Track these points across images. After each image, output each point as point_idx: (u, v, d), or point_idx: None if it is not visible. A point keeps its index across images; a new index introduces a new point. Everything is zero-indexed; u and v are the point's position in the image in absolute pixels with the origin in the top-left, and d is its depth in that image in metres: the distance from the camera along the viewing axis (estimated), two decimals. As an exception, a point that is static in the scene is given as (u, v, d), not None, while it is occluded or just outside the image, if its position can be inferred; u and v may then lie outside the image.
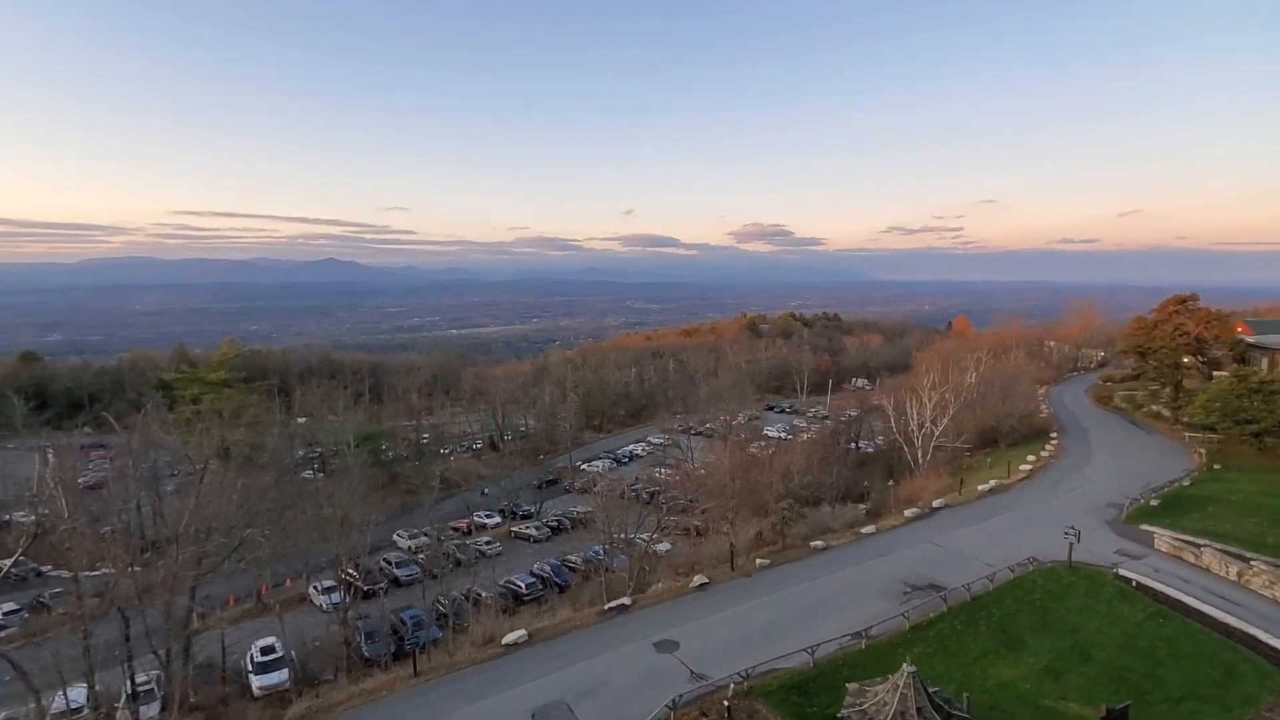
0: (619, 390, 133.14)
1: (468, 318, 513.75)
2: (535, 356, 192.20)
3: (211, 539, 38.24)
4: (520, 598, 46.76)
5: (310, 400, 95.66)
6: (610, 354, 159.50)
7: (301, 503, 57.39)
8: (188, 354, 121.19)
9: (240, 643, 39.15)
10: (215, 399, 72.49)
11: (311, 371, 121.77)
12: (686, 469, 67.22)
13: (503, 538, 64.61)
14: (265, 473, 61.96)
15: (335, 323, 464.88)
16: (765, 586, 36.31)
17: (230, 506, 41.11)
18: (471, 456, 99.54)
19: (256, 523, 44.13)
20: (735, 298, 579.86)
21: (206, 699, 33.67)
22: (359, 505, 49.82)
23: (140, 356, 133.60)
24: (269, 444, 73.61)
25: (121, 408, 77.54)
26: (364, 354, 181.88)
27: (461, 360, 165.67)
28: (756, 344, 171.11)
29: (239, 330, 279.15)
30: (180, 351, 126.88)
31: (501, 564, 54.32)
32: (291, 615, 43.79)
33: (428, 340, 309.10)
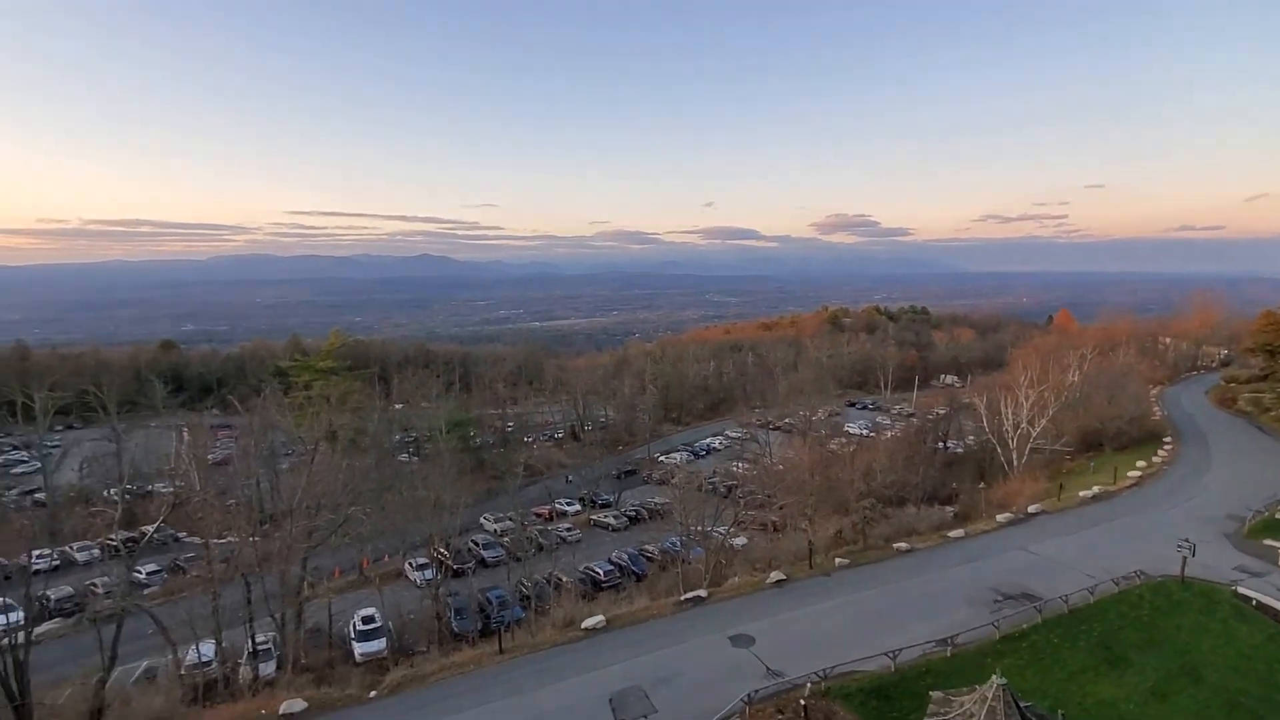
0: (697, 383, 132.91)
1: (550, 310, 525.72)
2: (615, 349, 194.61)
3: (321, 514, 41.15)
4: (599, 584, 47.68)
5: (406, 388, 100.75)
6: (689, 347, 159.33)
7: (398, 484, 60.63)
8: (300, 343, 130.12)
9: (344, 612, 41.91)
10: (324, 385, 77.47)
11: (408, 361, 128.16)
12: (764, 464, 66.36)
13: (582, 525, 65.97)
14: (367, 455, 65.85)
15: (429, 315, 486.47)
16: (845, 586, 35.47)
17: (337, 485, 44.06)
18: (553, 445, 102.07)
19: (359, 501, 46.95)
20: (816, 291, 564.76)
21: (315, 661, 36.23)
22: (450, 488, 52.08)
23: (260, 345, 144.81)
24: (370, 428, 78.08)
25: (244, 392, 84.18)
26: (455, 345, 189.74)
27: (544, 352, 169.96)
28: (838, 338, 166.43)
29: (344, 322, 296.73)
30: (294, 341, 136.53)
31: (581, 550, 55.53)
32: (389, 589, 46.36)
33: (513, 332, 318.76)
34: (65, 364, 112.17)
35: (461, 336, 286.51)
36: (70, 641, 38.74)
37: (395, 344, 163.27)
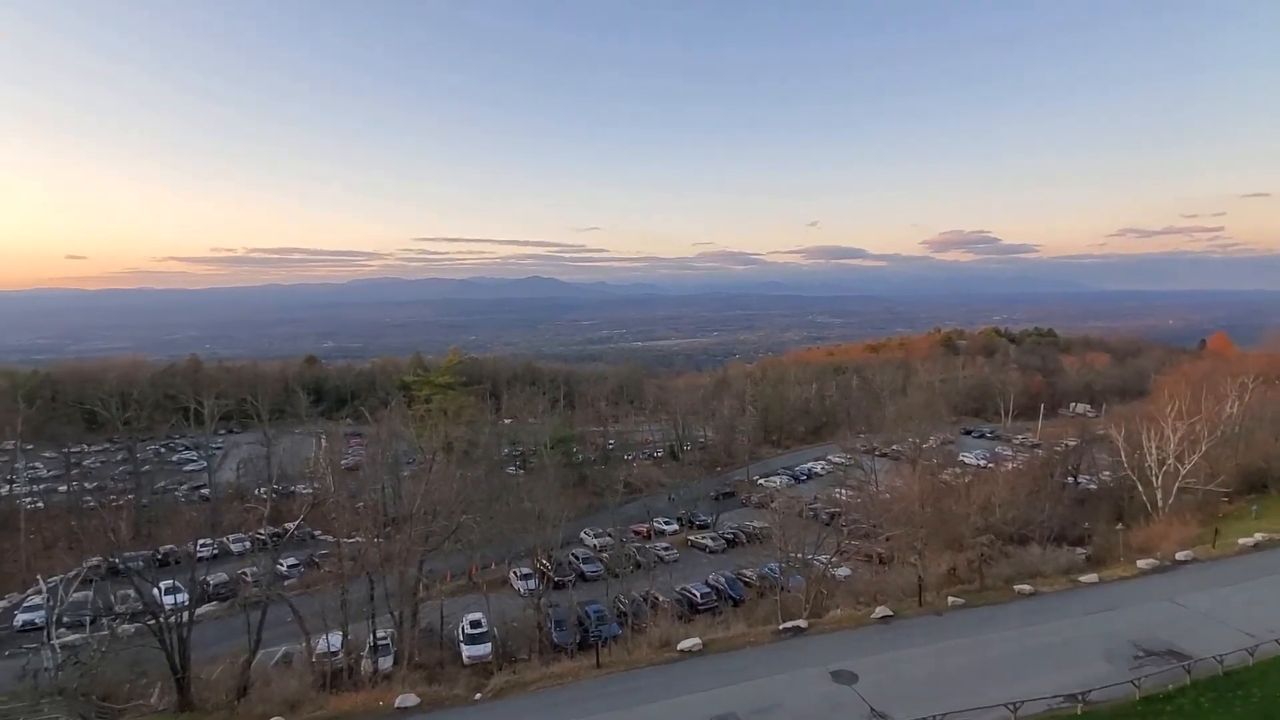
0: (798, 406, 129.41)
1: (651, 331, 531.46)
2: (715, 369, 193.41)
3: (436, 520, 43.47)
4: (695, 606, 47.14)
5: (515, 404, 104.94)
6: (790, 369, 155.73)
7: (506, 495, 63.04)
8: (422, 360, 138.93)
9: (454, 615, 43.86)
10: (442, 400, 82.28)
11: (516, 378, 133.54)
12: (870, 492, 63.40)
13: (679, 545, 65.61)
14: (478, 466, 68.98)
15: (537, 334, 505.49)
16: (958, 628, 33.07)
17: (451, 493, 46.45)
18: (652, 464, 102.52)
19: (470, 510, 49.22)
20: (928, 311, 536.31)
21: (427, 660, 38.08)
22: (553, 502, 53.57)
23: (388, 362, 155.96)
24: (481, 441, 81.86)
25: (373, 404, 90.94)
26: (560, 363, 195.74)
27: (645, 371, 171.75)
28: (952, 361, 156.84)
29: (461, 340, 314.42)
30: (417, 358, 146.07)
31: (678, 571, 55.20)
32: (495, 596, 48.07)
33: (615, 352, 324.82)
34: (229, 376, 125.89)
35: (566, 355, 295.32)
36: (223, 623, 42.94)
37: (505, 362, 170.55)
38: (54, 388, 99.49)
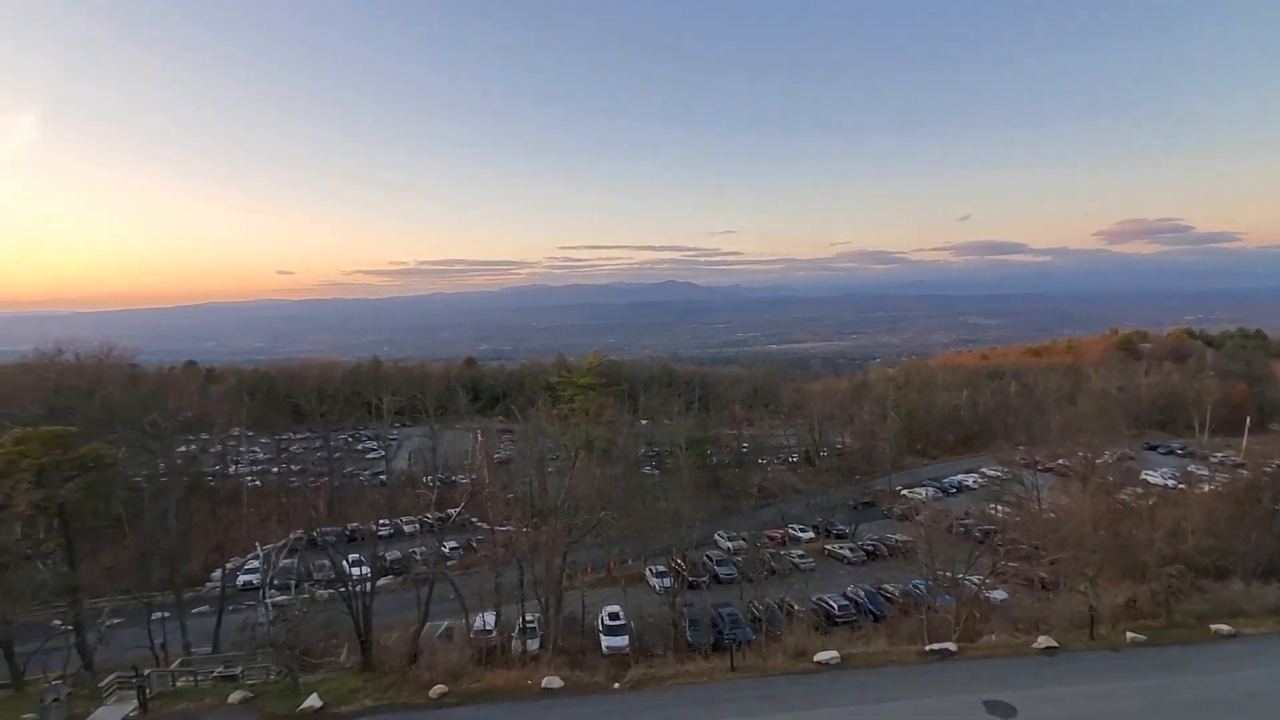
0: (947, 413, 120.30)
1: (787, 333, 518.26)
2: (854, 373, 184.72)
3: (578, 514, 45.52)
4: (832, 618, 45.46)
5: (651, 405, 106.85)
6: (938, 373, 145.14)
7: (642, 494, 64.35)
8: (566, 362, 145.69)
9: (594, 606, 45.58)
10: (584, 400, 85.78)
11: (653, 380, 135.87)
12: (1032, 510, 57.59)
13: (815, 554, 63.51)
14: (616, 465, 71.10)
15: (672, 337, 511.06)
16: (1138, 667, 29.15)
17: (592, 490, 48.44)
18: (787, 469, 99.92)
19: (609, 506, 50.88)
20: (1102, 310, 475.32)
21: (570, 646, 39.91)
22: (688, 503, 54.00)
23: (535, 363, 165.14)
24: (620, 441, 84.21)
25: (522, 403, 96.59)
26: (695, 366, 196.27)
27: (780, 375, 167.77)
28: (1132, 367, 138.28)
29: (601, 343, 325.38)
30: (560, 360, 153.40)
31: (814, 580, 53.43)
32: (632, 591, 49.34)
33: (749, 355, 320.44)
34: (402, 375, 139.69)
35: (701, 358, 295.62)
36: (397, 596, 47.66)
37: (642, 364, 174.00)
38: (268, 384, 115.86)
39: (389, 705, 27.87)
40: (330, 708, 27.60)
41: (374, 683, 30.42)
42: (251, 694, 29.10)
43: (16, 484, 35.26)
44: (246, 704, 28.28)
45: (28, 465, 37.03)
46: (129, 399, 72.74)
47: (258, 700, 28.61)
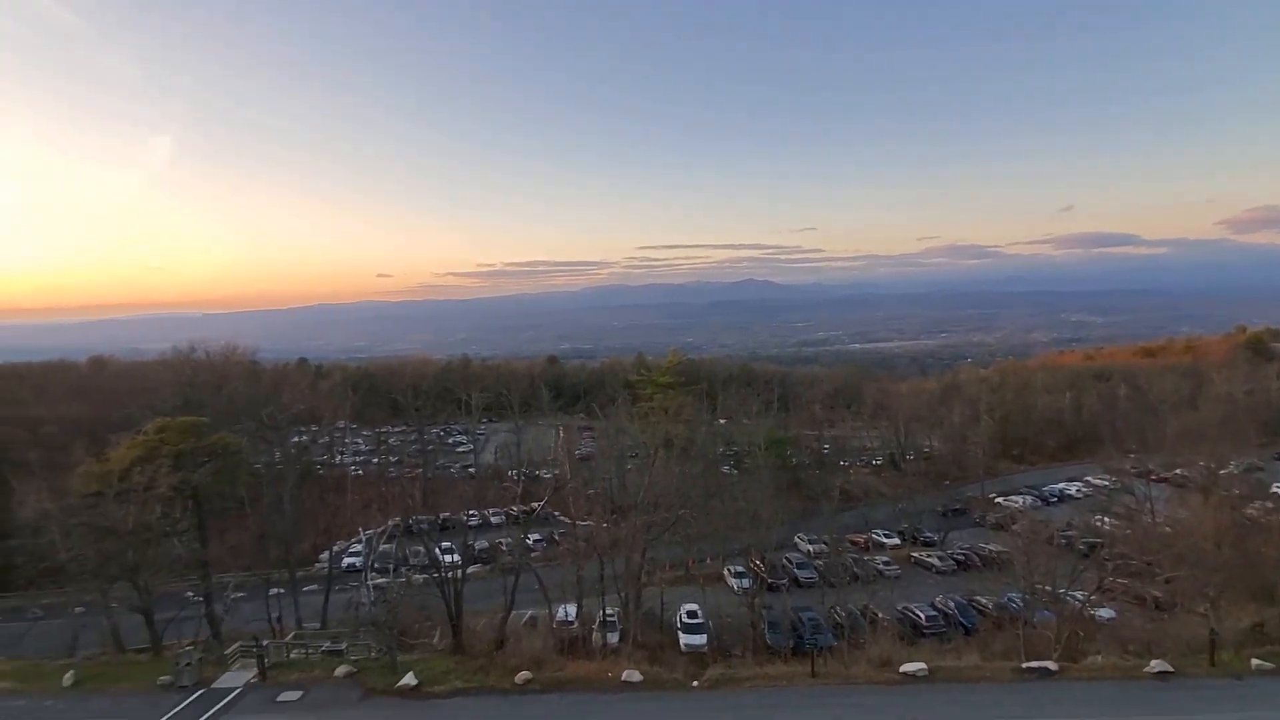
0: (1047, 417, 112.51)
1: (870, 332, 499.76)
2: (943, 374, 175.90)
3: (657, 512, 45.74)
4: (919, 628, 43.55)
5: (730, 404, 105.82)
6: (1036, 374, 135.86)
7: (721, 494, 63.93)
8: (645, 361, 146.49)
9: (672, 604, 45.69)
10: (663, 398, 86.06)
11: (731, 379, 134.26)
12: (1144, 523, 52.92)
13: (901, 561, 61.03)
14: (695, 464, 70.90)
15: (751, 336, 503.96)
16: (1265, 697, 26.32)
17: (671, 487, 48.51)
18: (870, 472, 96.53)
19: (688, 505, 50.86)
20: (1226, 307, 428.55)
21: (648, 641, 40.22)
22: (767, 504, 53.07)
23: (614, 362, 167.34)
24: (698, 439, 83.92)
25: (602, 400, 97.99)
26: (774, 365, 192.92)
27: (863, 374, 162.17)
28: (1263, 369, 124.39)
29: (679, 342, 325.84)
30: (639, 359, 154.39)
31: (899, 588, 51.42)
32: (711, 590, 49.09)
33: (830, 354, 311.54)
34: (489, 373, 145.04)
35: (780, 357, 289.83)
36: (485, 583, 49.47)
37: (721, 363, 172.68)
38: (369, 381, 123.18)
39: (477, 688, 29.04)
40: (424, 686, 29.08)
41: (464, 665, 31.80)
42: (355, 669, 31.08)
43: (158, 468, 39.22)
44: (350, 678, 30.22)
45: (167, 451, 41.14)
46: (250, 393, 79.30)
47: (360, 675, 30.52)
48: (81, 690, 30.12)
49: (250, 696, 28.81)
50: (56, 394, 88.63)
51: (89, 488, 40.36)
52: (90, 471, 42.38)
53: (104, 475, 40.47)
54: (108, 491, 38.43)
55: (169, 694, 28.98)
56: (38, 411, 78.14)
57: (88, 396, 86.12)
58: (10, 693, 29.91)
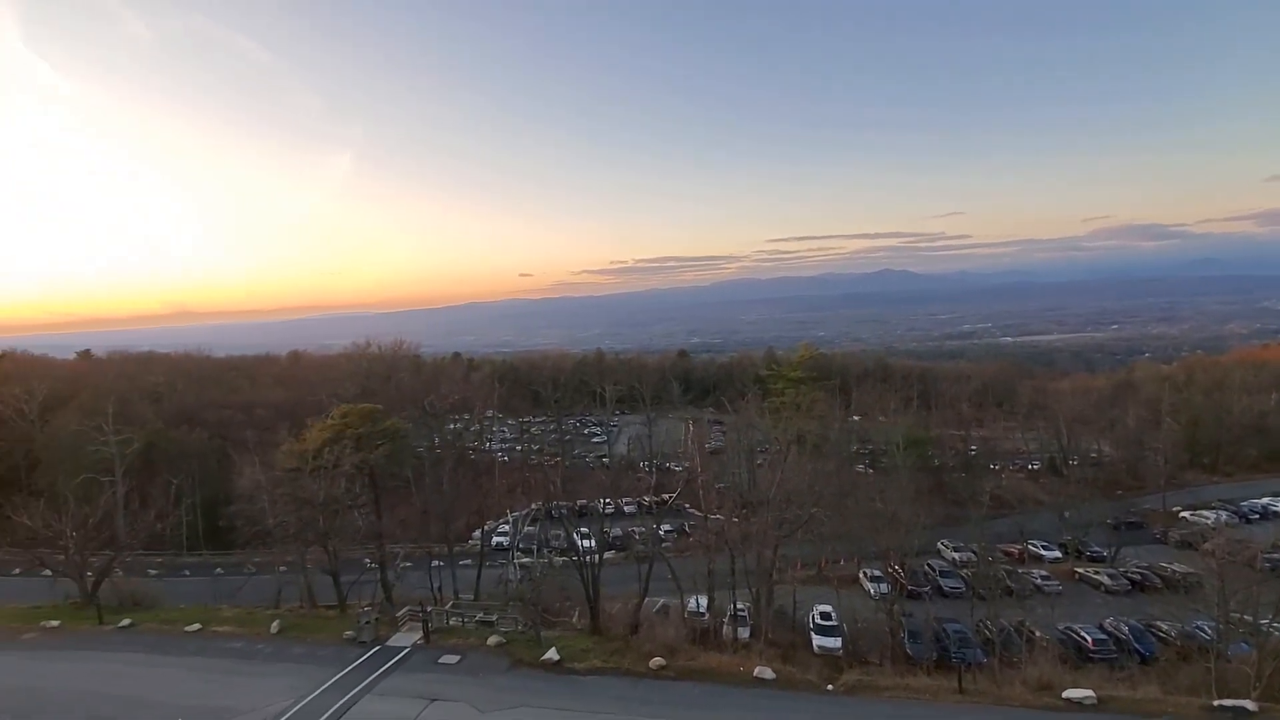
0: (1247, 422, 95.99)
1: (1024, 324, 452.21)
2: (1114, 370, 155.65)
3: (789, 509, 44.69)
4: (1085, 652, 39.14)
5: (864, 401, 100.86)
6: (1234, 371, 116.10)
7: (856, 493, 61.21)
8: (774, 355, 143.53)
9: (804, 603, 44.52)
10: (794, 394, 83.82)
11: (866, 374, 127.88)
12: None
13: (1063, 576, 55.10)
14: (828, 461, 68.48)
15: (887, 330, 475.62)
16: None
17: (803, 484, 47.18)
18: (1026, 477, 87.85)
19: (820, 503, 49.19)
20: None
21: (779, 640, 39.49)
22: (907, 506, 50.14)
23: (744, 356, 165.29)
24: (831, 436, 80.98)
25: (731, 395, 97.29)
26: (913, 360, 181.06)
27: (1017, 371, 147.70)
28: None
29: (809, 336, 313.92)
30: (769, 353, 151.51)
31: (1061, 606, 46.40)
32: (845, 592, 47.23)
33: (978, 348, 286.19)
34: (622, 366, 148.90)
35: (920, 352, 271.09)
36: (619, 569, 50.99)
37: (854, 358, 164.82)
38: (514, 374, 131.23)
39: (614, 668, 30.11)
40: (566, 662, 30.63)
41: (601, 646, 33.09)
42: (504, 640, 33.39)
43: (343, 449, 44.45)
44: (500, 648, 32.51)
45: (350, 434, 46.47)
46: (414, 384, 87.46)
47: (508, 646, 32.75)
48: (285, 637, 34.94)
49: (417, 656, 31.90)
50: (264, 382, 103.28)
51: (289, 464, 46.63)
52: (290, 450, 48.96)
53: (301, 453, 46.54)
54: (304, 467, 44.18)
55: (352, 647, 32.85)
56: (250, 397, 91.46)
57: (288, 385, 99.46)
58: (231, 635, 35.35)
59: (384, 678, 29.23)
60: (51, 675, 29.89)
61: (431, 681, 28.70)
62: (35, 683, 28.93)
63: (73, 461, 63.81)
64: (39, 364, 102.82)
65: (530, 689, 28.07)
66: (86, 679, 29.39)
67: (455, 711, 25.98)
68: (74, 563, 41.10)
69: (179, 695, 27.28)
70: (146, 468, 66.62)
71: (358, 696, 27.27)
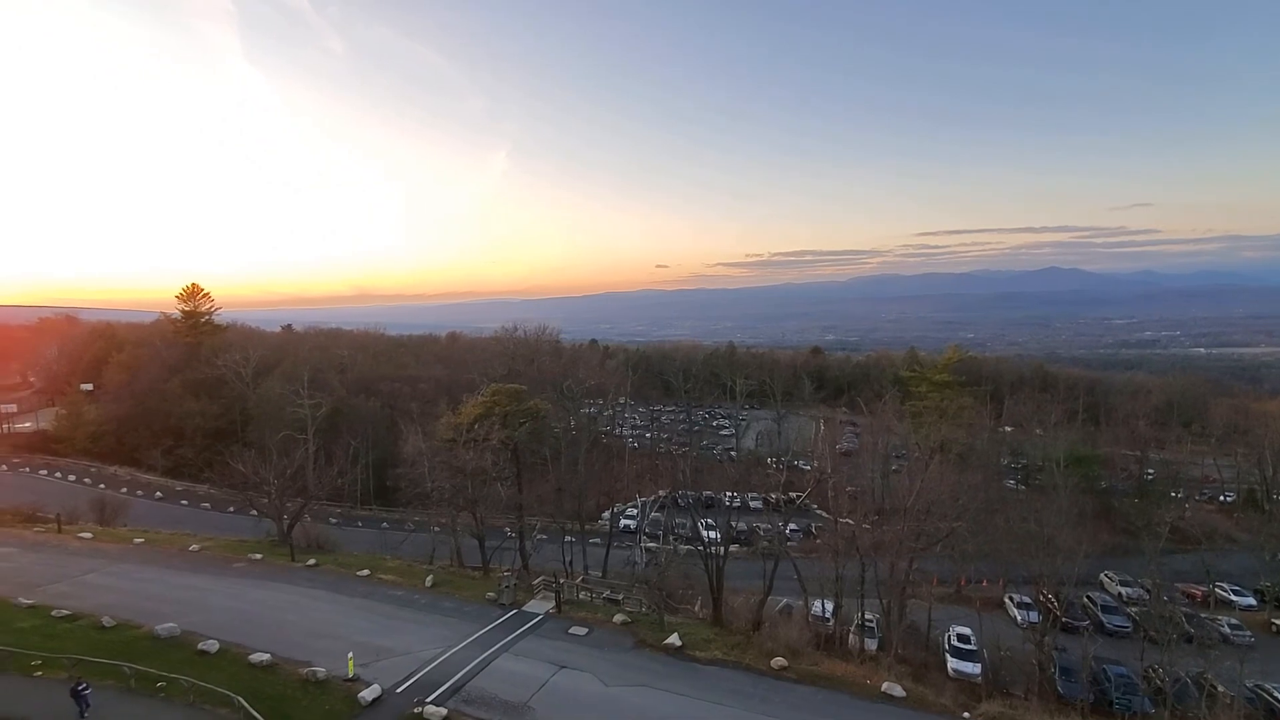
0: None
1: (1223, 333, 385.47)
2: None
3: (928, 520, 41.69)
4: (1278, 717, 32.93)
5: (1019, 410, 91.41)
6: None
7: (1005, 511, 55.86)
8: (917, 356, 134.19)
9: (940, 622, 41.44)
10: (938, 398, 77.87)
11: (1022, 382, 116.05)
12: None
13: (1258, 628, 46.93)
14: (974, 473, 62.90)
15: (1050, 334, 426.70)
16: None
17: (945, 496, 43.72)
18: (1217, 510, 75.43)
19: (964, 517, 45.39)
20: None
21: (910, 656, 37.11)
22: (1065, 530, 44.87)
23: (882, 356, 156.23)
24: (978, 446, 74.35)
25: (867, 395, 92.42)
26: (1080, 369, 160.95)
27: (1210, 387, 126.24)
28: None
29: (957, 338, 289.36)
30: (911, 354, 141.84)
31: (1253, 661, 39.34)
32: (987, 616, 43.34)
33: (1161, 359, 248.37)
34: (753, 360, 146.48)
35: (1089, 360, 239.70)
36: (743, 564, 50.38)
37: (1009, 363, 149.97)
38: (646, 362, 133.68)
39: (735, 662, 29.88)
40: (687, 649, 30.87)
41: (723, 638, 32.96)
42: (629, 619, 34.30)
43: (492, 424, 47.72)
44: (625, 627, 33.43)
45: (498, 412, 49.73)
46: (554, 367, 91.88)
47: (633, 626, 33.58)
48: (437, 591, 38.32)
49: (549, 624, 33.67)
50: (427, 360, 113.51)
51: (446, 435, 50.88)
52: (448, 422, 53.37)
53: (456, 426, 50.59)
54: (458, 439, 48.01)
55: (493, 607, 35.33)
56: (415, 372, 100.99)
57: (446, 363, 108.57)
58: (393, 584, 39.31)
59: (519, 640, 31.17)
60: (254, 600, 35.07)
61: (561, 650, 30.18)
62: (242, 605, 34.11)
63: (276, 419, 74.21)
64: (252, 335, 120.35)
65: (652, 670, 28.62)
66: (280, 607, 34.17)
67: (582, 681, 27.13)
68: (274, 506, 47.80)
69: (351, 630, 30.90)
70: (331, 429, 75.84)
71: (497, 654, 29.34)
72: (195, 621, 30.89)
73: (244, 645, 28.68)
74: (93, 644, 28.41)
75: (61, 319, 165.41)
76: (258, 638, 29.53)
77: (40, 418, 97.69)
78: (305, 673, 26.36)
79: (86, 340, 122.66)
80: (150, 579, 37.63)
